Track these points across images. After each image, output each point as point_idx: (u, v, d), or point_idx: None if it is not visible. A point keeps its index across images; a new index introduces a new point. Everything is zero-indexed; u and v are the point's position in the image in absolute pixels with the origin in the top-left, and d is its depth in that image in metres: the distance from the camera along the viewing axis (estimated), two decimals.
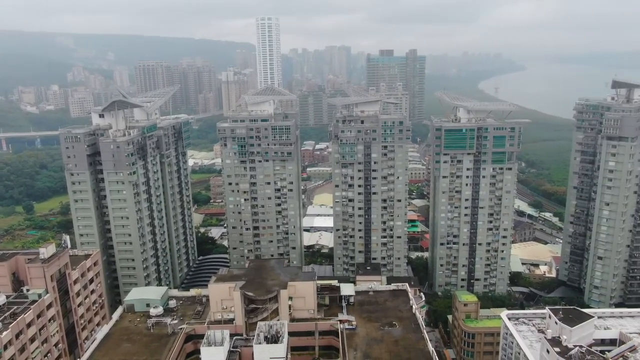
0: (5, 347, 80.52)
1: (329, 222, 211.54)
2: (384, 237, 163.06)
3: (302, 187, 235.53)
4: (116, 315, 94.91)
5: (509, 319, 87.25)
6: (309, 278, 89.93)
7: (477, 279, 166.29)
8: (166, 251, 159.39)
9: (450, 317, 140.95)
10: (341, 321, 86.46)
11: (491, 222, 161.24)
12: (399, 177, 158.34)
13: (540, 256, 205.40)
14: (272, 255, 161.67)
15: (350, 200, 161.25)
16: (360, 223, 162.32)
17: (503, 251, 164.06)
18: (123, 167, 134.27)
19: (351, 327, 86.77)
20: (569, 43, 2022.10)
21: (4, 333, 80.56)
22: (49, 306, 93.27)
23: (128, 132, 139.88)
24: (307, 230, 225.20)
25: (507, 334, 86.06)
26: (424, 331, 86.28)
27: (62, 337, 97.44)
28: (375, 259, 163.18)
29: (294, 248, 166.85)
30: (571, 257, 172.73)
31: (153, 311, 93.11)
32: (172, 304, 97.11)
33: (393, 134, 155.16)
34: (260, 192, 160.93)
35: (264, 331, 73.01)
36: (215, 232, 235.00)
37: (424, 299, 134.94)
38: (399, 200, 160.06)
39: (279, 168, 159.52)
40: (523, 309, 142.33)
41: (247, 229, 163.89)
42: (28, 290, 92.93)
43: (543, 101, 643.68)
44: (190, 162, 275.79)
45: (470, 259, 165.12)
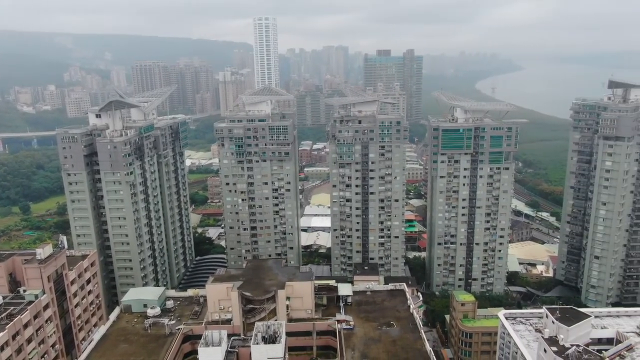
0: (2, 348, 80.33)
1: (326, 222, 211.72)
2: (382, 237, 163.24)
3: (300, 187, 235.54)
4: (113, 316, 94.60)
5: (507, 318, 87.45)
6: (306, 278, 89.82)
7: (475, 279, 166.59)
8: (163, 251, 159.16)
9: (447, 317, 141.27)
10: (339, 321, 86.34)
11: (488, 221, 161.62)
12: (396, 177, 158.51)
13: (537, 256, 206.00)
14: (270, 256, 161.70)
15: (347, 200, 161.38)
16: (358, 223, 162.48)
17: (500, 251, 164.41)
18: (120, 167, 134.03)
19: (349, 327, 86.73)
20: (566, 43, 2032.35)
21: (1, 334, 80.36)
22: (45, 307, 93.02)
23: (125, 132, 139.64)
24: (305, 230, 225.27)
25: (504, 333, 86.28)
26: (422, 331, 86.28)
27: (59, 338, 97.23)
28: (372, 258, 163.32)
29: (291, 248, 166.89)
30: (568, 256, 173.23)
31: (150, 312, 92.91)
32: (170, 304, 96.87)
33: (390, 134, 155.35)
34: (258, 192, 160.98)
35: (262, 331, 72.92)
36: (212, 233, 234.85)
37: (421, 298, 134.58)
38: (397, 200, 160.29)
39: (276, 168, 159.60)
40: (520, 308, 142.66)
41: (244, 229, 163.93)
42: (25, 291, 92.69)
43: (540, 101, 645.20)
44: (188, 162, 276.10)
45: (468, 258, 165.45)
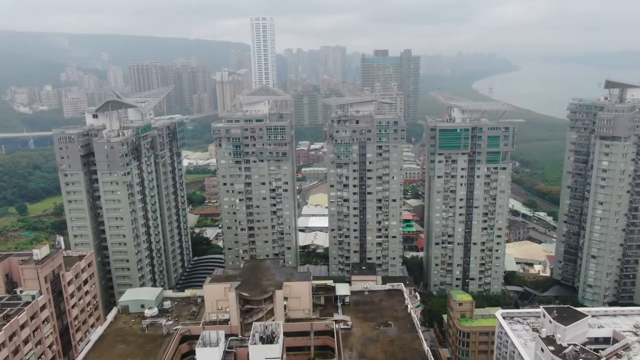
0: None
1: (324, 222, 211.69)
2: (379, 237, 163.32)
3: (297, 187, 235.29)
4: (110, 317, 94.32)
5: (504, 318, 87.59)
6: (304, 278, 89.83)
7: (472, 279, 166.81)
8: (161, 252, 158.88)
9: (445, 317, 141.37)
10: (336, 321, 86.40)
11: (486, 221, 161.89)
12: (393, 177, 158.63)
13: (534, 255, 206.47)
14: (267, 256, 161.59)
15: (345, 200, 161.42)
16: (356, 223, 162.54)
17: (498, 250, 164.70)
18: (117, 167, 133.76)
19: (346, 327, 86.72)
20: (564, 43, 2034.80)
21: None
22: (42, 307, 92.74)
23: (122, 132, 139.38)
24: (302, 230, 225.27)
25: (501, 333, 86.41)
26: (419, 331, 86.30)
27: (56, 339, 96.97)
28: (370, 258, 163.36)
29: (289, 248, 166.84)
30: (565, 256, 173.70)
31: (148, 312, 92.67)
32: (167, 304, 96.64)
33: (388, 134, 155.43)
34: (255, 193, 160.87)
35: (260, 331, 72.92)
36: (210, 233, 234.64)
37: (419, 298, 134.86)
38: (394, 200, 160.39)
39: (273, 168, 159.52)
40: (517, 308, 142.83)
41: (242, 229, 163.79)
42: (21, 292, 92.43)
43: (537, 101, 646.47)
44: (185, 162, 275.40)
45: (465, 258, 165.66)
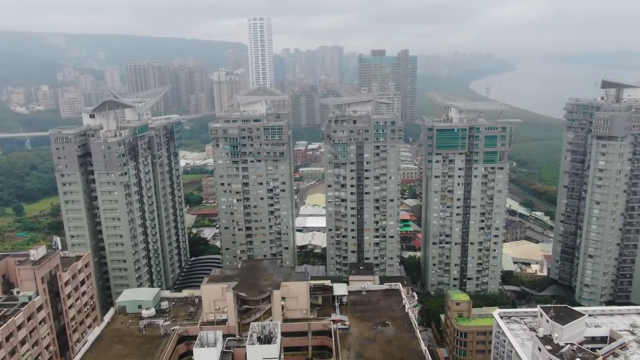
0: None
1: (321, 222, 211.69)
2: (377, 236, 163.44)
3: (295, 188, 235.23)
4: (108, 317, 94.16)
5: (501, 317, 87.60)
6: (301, 278, 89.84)
7: (469, 278, 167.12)
8: (158, 252, 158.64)
9: (442, 316, 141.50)
10: (334, 321, 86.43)
11: (483, 221, 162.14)
12: (391, 177, 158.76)
13: (531, 255, 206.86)
14: (265, 256, 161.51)
15: (342, 200, 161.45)
16: (353, 223, 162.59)
17: (495, 250, 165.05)
18: (114, 167, 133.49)
19: (344, 327, 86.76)
20: (561, 43, 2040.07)
21: None
22: (39, 308, 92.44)
23: (119, 132, 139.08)
24: (300, 230, 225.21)
25: (499, 332, 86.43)
26: (417, 330, 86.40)
27: (53, 340, 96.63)
28: (368, 258, 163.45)
29: (286, 248, 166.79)
30: (562, 255, 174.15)
31: (145, 312, 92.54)
32: (165, 305, 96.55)
33: (385, 133, 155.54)
34: (253, 193, 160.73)
35: (257, 332, 72.89)
36: (207, 233, 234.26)
37: (416, 298, 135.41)
38: (392, 200, 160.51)
39: (271, 168, 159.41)
40: (515, 307, 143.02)
41: (239, 229, 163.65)
42: (18, 293, 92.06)
43: (534, 101, 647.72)
44: (182, 162, 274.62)
45: (463, 258, 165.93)
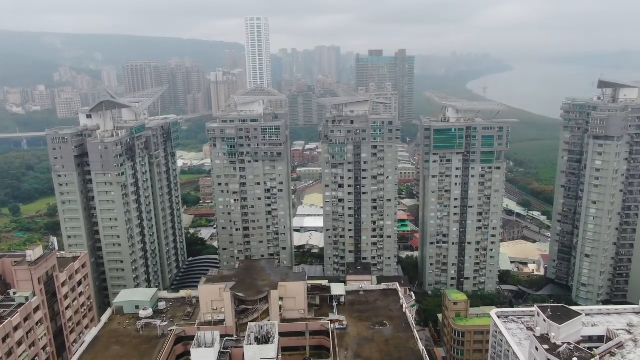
0: None
1: (319, 222, 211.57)
2: (374, 236, 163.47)
3: (292, 188, 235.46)
4: (105, 318, 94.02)
5: (498, 317, 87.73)
6: (299, 278, 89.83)
7: (467, 278, 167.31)
8: (155, 252, 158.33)
9: (440, 316, 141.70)
10: (332, 321, 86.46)
11: (480, 221, 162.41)
12: (388, 177, 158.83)
13: (528, 254, 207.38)
14: (263, 256, 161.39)
15: (340, 200, 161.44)
16: (351, 223, 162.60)
17: (492, 250, 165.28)
18: (111, 168, 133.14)
19: (342, 326, 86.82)
20: (558, 43, 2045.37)
21: None
22: (36, 309, 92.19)
23: (116, 132, 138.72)
24: (298, 230, 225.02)
25: (496, 332, 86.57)
26: (415, 330, 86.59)
27: (50, 340, 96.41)
28: (365, 258, 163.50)
29: (284, 248, 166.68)
30: (559, 255, 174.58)
31: (142, 313, 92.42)
32: (162, 305, 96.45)
33: (383, 133, 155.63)
34: (250, 193, 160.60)
35: (255, 332, 72.79)
36: (205, 233, 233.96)
37: (414, 298, 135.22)
38: (389, 200, 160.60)
39: (268, 168, 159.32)
40: (512, 307, 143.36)
41: (237, 229, 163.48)
42: (15, 293, 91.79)
43: (531, 101, 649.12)
44: (180, 162, 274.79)
45: (460, 258, 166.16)
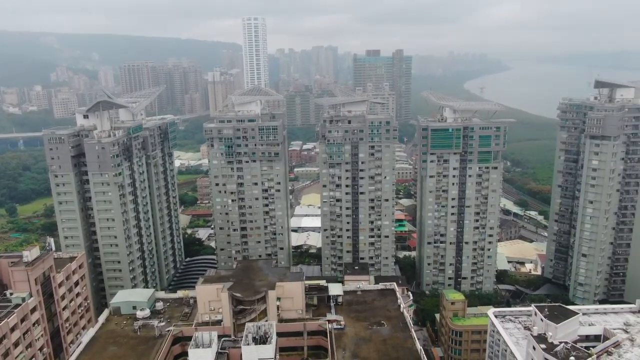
0: None
1: (316, 222, 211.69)
2: (372, 236, 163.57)
3: (290, 188, 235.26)
4: (102, 318, 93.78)
5: (496, 316, 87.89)
6: (297, 278, 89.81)
7: (464, 278, 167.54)
8: (153, 253, 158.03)
9: (437, 316, 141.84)
10: (329, 321, 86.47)
11: (477, 220, 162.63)
12: (386, 177, 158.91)
13: (525, 254, 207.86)
14: (260, 256, 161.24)
15: (337, 200, 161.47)
16: (348, 223, 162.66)
17: (489, 249, 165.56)
18: (108, 168, 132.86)
19: (339, 326, 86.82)
20: (556, 43, 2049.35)
21: None
22: (33, 310, 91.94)
23: (113, 133, 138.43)
24: (295, 230, 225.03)
25: (494, 331, 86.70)
26: (412, 330, 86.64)
27: (46, 341, 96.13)
28: (363, 258, 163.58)
29: (281, 248, 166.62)
30: (556, 254, 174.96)
31: (140, 313, 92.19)
32: (159, 306, 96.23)
33: (380, 133, 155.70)
34: (248, 193, 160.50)
35: (252, 332, 72.71)
36: (202, 233, 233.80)
37: (411, 298, 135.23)
38: (387, 200, 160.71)
39: (266, 168, 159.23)
40: (509, 306, 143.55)
41: (234, 229, 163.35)
42: (12, 294, 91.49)
43: (528, 101, 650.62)
44: (177, 163, 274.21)
45: (457, 257, 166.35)
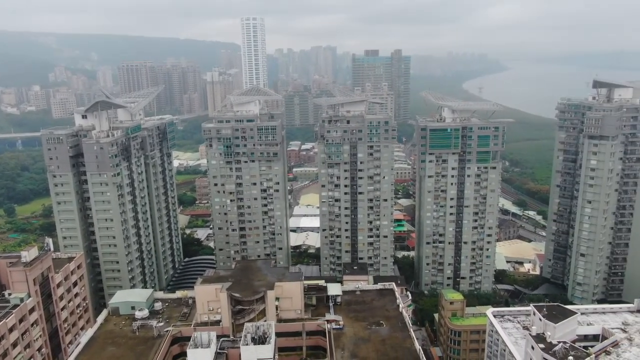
0: None
1: (315, 222, 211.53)
2: (371, 236, 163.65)
3: (289, 188, 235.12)
4: (101, 319, 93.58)
5: (494, 316, 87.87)
6: (295, 278, 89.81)
7: (463, 277, 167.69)
8: (151, 253, 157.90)
9: (436, 316, 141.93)
10: (328, 321, 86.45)
11: (476, 220, 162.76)
12: (385, 177, 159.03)
13: (524, 254, 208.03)
14: (259, 256, 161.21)
15: (336, 200, 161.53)
16: (347, 223, 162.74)
17: (488, 249, 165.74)
18: (107, 168, 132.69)
19: (338, 326, 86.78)
20: (554, 43, 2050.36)
21: None
22: (31, 310, 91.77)
23: (112, 133, 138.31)
24: (294, 230, 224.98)
25: (492, 331, 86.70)
26: (411, 330, 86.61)
27: (45, 342, 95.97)
28: (361, 258, 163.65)
29: (280, 249, 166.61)
30: (554, 254, 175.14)
31: (138, 314, 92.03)
32: (158, 306, 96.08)
33: (379, 133, 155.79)
34: (247, 193, 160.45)
35: (251, 332, 72.71)
36: (201, 234, 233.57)
37: (410, 297, 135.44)
38: (385, 200, 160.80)
39: (265, 168, 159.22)
40: (508, 306, 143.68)
41: (233, 230, 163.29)
42: (10, 295, 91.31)
43: (526, 101, 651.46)
44: (176, 163, 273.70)
45: (456, 257, 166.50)
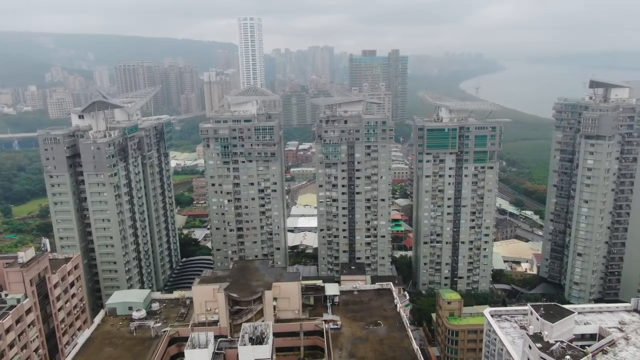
0: None
1: (313, 222, 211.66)
2: (368, 236, 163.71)
3: (286, 188, 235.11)
4: (98, 319, 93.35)
5: (492, 316, 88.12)
6: (293, 278, 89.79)
7: (460, 277, 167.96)
8: (149, 253, 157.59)
9: (434, 315, 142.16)
10: (326, 321, 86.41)
11: (473, 220, 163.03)
12: (382, 177, 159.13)
13: (521, 254, 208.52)
14: (257, 256, 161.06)
15: (334, 200, 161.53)
16: (345, 223, 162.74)
17: (485, 249, 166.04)
18: (104, 168, 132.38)
19: (336, 326, 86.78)
20: (551, 43, 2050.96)
21: None
22: (28, 311, 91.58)
23: (109, 133, 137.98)
24: (291, 230, 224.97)
25: (490, 330, 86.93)
26: (409, 330, 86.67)
27: (42, 343, 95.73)
28: (359, 258, 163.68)
29: (278, 249, 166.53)
30: (551, 254, 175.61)
31: (136, 314, 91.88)
32: (155, 306, 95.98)
33: (376, 133, 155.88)
34: (244, 193, 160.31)
35: (249, 332, 72.67)
36: (198, 234, 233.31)
37: (408, 297, 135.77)
38: (383, 200, 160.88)
39: (262, 169, 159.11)
40: (505, 305, 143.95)
41: (230, 230, 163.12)
42: (7, 295, 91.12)
43: (523, 101, 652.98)
44: (173, 163, 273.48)
45: (454, 257, 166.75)
